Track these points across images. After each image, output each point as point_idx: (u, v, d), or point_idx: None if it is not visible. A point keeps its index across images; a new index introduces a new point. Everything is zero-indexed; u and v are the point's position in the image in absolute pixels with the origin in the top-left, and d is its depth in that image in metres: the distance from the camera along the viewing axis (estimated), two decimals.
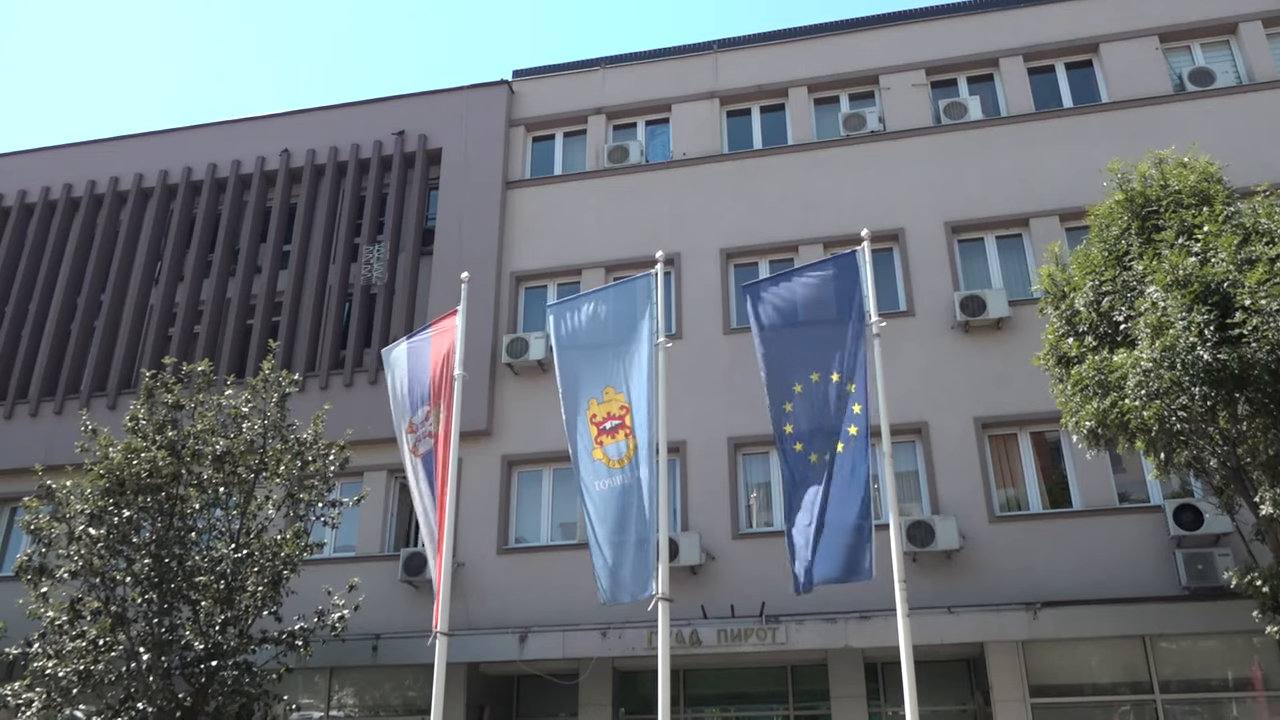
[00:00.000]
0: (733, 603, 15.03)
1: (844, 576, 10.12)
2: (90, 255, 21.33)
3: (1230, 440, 11.11)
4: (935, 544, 14.76)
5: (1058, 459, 16.02)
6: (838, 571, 10.11)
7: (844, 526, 10.13)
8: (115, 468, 13.79)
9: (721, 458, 16.61)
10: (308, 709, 16.45)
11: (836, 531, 10.14)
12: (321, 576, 15.11)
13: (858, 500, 10.21)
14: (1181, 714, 14.24)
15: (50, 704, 13.27)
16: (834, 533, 10.13)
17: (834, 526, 10.14)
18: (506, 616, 15.73)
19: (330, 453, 14.68)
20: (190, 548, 13.87)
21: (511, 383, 17.91)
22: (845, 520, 10.16)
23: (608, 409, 11.21)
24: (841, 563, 10.09)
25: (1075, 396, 11.67)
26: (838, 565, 10.10)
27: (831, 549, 10.11)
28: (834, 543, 10.14)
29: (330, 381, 18.72)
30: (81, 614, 13.45)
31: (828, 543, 10.17)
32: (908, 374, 15.48)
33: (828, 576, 10.17)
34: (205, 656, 13.15)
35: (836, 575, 10.14)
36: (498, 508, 17.15)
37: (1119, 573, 14.30)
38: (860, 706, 15.27)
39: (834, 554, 10.13)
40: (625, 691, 16.44)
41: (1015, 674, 14.38)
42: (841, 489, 10.27)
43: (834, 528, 10.14)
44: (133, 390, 18.99)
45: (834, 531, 10.13)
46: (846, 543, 10.11)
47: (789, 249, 17.94)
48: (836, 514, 10.18)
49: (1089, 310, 11.92)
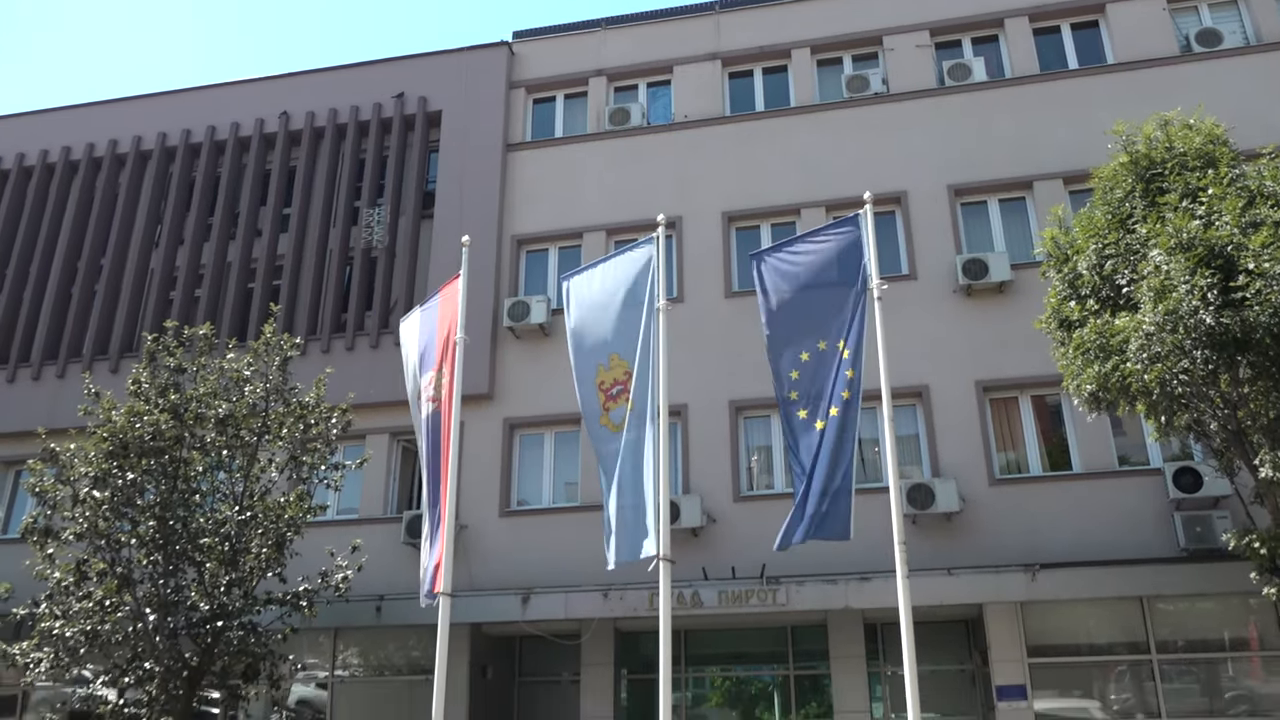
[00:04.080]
0: (734, 564, 15.14)
1: (825, 536, 10.23)
2: (90, 218, 21.25)
3: (1231, 403, 11.13)
4: (935, 506, 14.85)
5: (1058, 422, 16.06)
6: (820, 532, 10.20)
7: (831, 489, 10.22)
8: (118, 431, 13.85)
9: (723, 421, 16.65)
10: (313, 669, 16.64)
11: (823, 493, 10.23)
12: (325, 538, 15.22)
13: (845, 463, 10.29)
14: (1178, 674, 14.40)
15: (58, 663, 13.43)
16: (820, 494, 10.22)
17: (820, 488, 10.23)
18: (509, 578, 15.86)
19: (332, 416, 14.73)
20: (194, 510, 13.96)
21: (513, 346, 17.92)
22: (832, 483, 10.24)
23: (613, 375, 11.25)
24: (825, 523, 10.18)
25: (1076, 360, 11.68)
26: (821, 525, 10.19)
27: (816, 510, 10.20)
28: (819, 504, 10.24)
29: (332, 345, 18.73)
30: (87, 575, 13.56)
31: (813, 504, 10.26)
32: (909, 337, 15.47)
33: (809, 536, 10.27)
34: (211, 617, 13.27)
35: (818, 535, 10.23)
36: (499, 470, 17.22)
37: (1118, 535, 14.40)
38: (860, 666, 15.43)
39: (818, 514, 10.22)
40: (627, 651, 16.61)
41: (1013, 634, 14.52)
42: (832, 452, 10.34)
43: (820, 489, 10.22)
44: (134, 354, 19.00)
45: (820, 493, 10.22)
46: (832, 505, 10.20)
47: (790, 212, 17.87)
48: (825, 476, 10.27)
49: (1091, 273, 11.89)
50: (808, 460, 10.42)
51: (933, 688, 14.70)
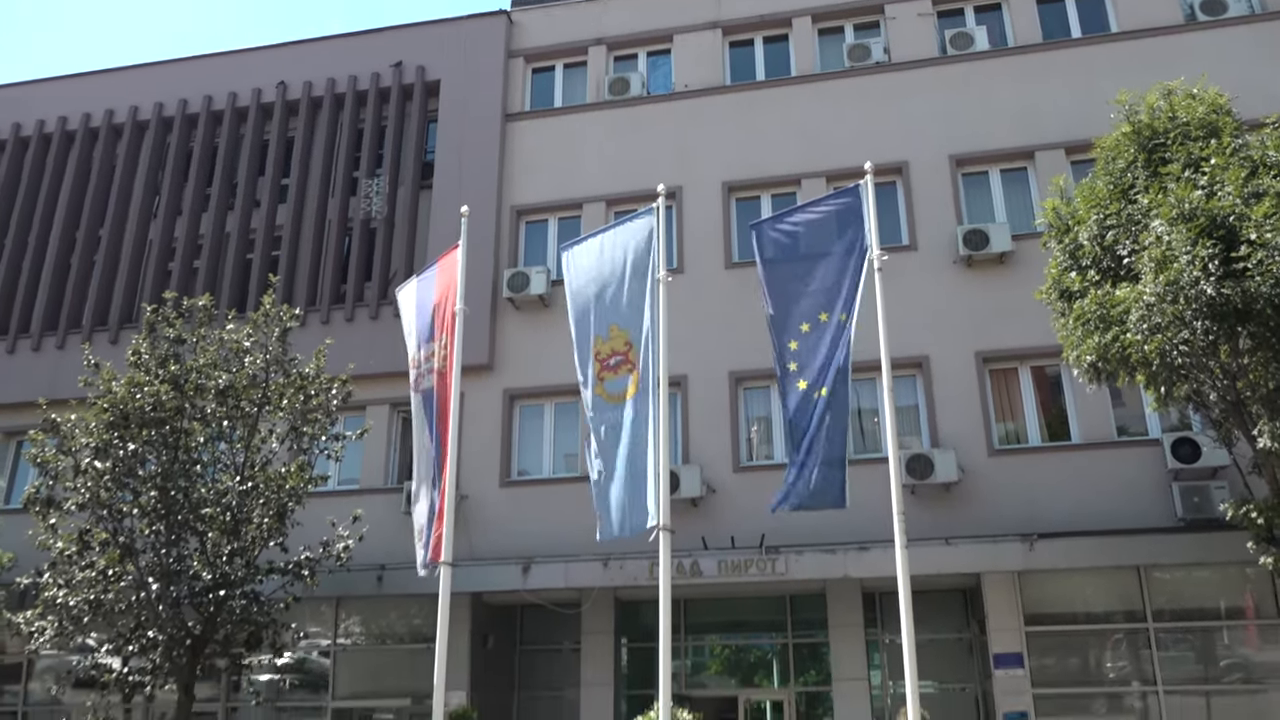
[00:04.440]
0: (733, 534, 15.22)
1: (820, 505, 10.29)
2: (87, 189, 21.15)
3: (1230, 374, 11.15)
4: (934, 477, 14.90)
5: (1058, 393, 16.08)
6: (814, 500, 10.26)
7: (827, 458, 10.26)
8: (119, 402, 13.88)
9: (722, 391, 16.67)
10: (315, 637, 16.76)
11: (820, 462, 10.27)
12: (326, 509, 15.28)
13: (840, 431, 10.33)
14: (1173, 642, 14.51)
15: (62, 632, 13.54)
16: (816, 463, 10.27)
17: (818, 457, 10.27)
18: (509, 547, 15.94)
19: (332, 387, 14.75)
20: (195, 480, 14.02)
21: (512, 317, 17.90)
22: (829, 451, 10.29)
23: (612, 345, 11.25)
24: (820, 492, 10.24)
25: (1077, 331, 11.68)
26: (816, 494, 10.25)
27: (811, 478, 10.26)
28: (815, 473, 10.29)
29: (331, 316, 18.71)
30: (90, 545, 13.63)
31: (809, 472, 10.32)
32: (909, 308, 15.44)
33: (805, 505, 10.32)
34: (213, 586, 13.36)
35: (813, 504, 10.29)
36: (500, 441, 17.26)
37: (1116, 505, 14.45)
38: (858, 635, 15.55)
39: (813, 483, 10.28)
40: (627, 620, 16.73)
41: (1011, 603, 14.62)
42: (829, 421, 10.37)
43: (817, 458, 10.27)
44: (134, 325, 18.98)
45: (817, 462, 10.27)
46: (827, 473, 10.25)
47: (791, 182, 17.80)
48: (822, 445, 10.31)
49: (1093, 244, 11.86)
50: (806, 429, 10.45)
51: (930, 656, 14.83)
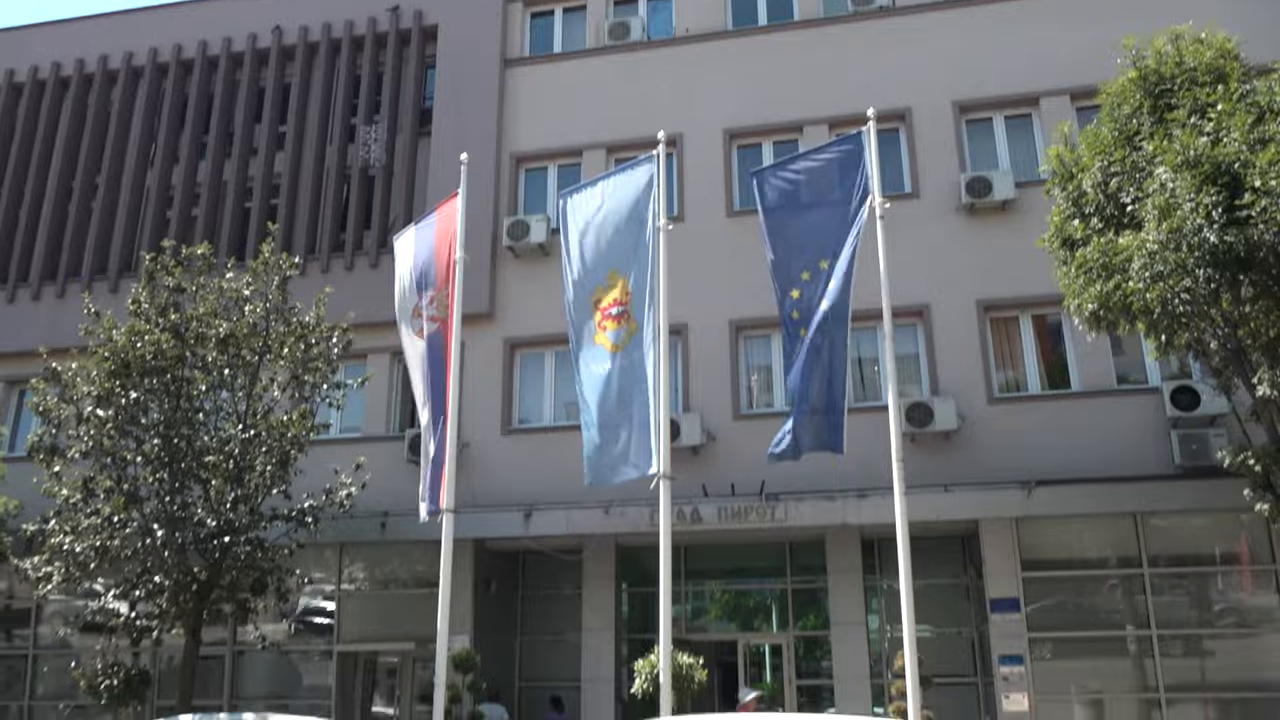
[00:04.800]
0: (733, 481, 15.32)
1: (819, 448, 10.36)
2: (83, 135, 20.96)
3: (1231, 322, 11.15)
4: (934, 425, 14.96)
5: (1058, 341, 16.09)
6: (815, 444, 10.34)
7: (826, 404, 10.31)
8: (120, 350, 13.90)
9: (723, 339, 16.68)
10: (320, 583, 16.96)
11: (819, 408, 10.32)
12: (328, 456, 15.37)
13: (839, 378, 10.37)
14: (1168, 587, 14.68)
15: (69, 577, 13.70)
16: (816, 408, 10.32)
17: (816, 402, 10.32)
18: (511, 495, 16.06)
19: (333, 335, 14.76)
20: (198, 429, 14.09)
21: (512, 265, 17.84)
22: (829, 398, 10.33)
23: (613, 294, 11.24)
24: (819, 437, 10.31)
25: (1078, 279, 11.65)
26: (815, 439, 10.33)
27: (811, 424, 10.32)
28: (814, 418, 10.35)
29: (331, 264, 18.65)
30: (95, 492, 13.74)
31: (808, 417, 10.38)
32: (911, 256, 15.37)
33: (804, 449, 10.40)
34: (218, 533, 13.49)
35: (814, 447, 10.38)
36: (500, 389, 17.31)
37: (1114, 453, 14.53)
38: (856, 580, 15.73)
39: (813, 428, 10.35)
40: (627, 566, 16.91)
41: (1008, 549, 14.76)
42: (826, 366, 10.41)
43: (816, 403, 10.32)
44: (133, 273, 18.92)
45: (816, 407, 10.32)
46: (827, 419, 10.31)
47: (793, 129, 17.62)
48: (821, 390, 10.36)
49: (1096, 191, 11.78)
50: (805, 375, 10.48)
51: (927, 601, 15.00)
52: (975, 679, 15.53)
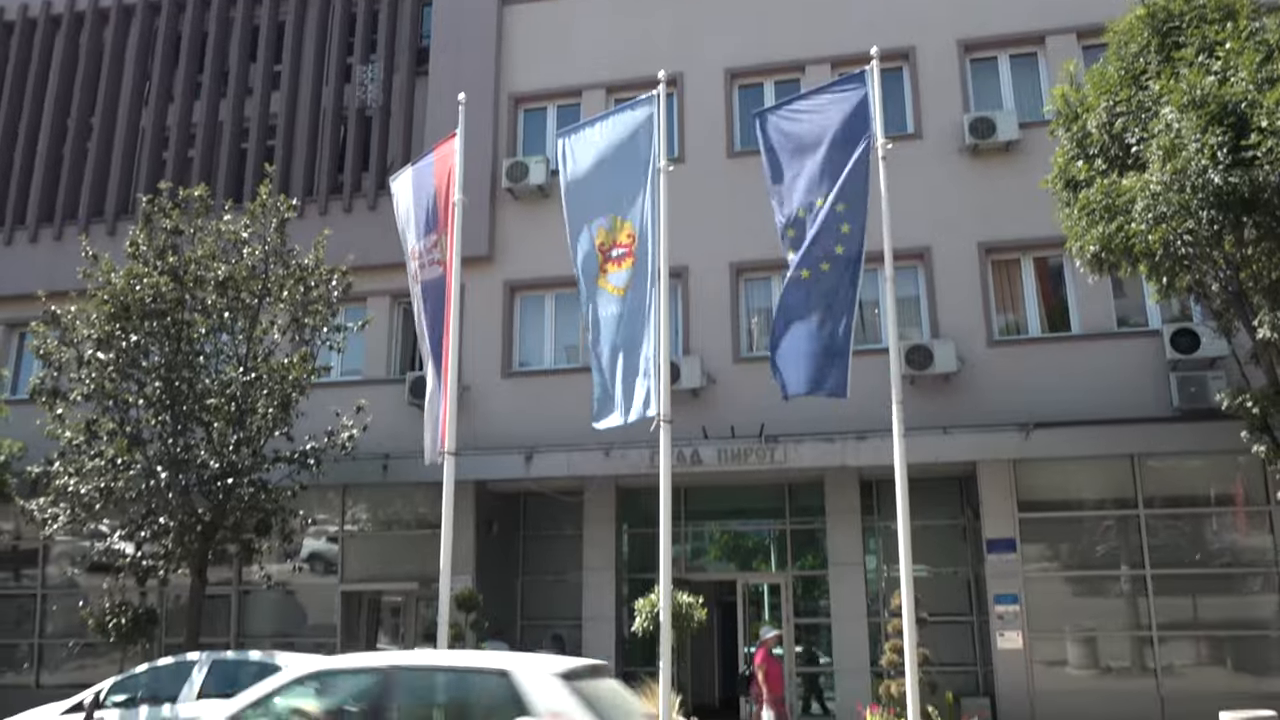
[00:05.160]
0: (733, 424, 15.39)
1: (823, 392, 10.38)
2: (76, 76, 20.67)
3: (1233, 264, 11.12)
4: (933, 367, 14.99)
5: (1059, 284, 16.05)
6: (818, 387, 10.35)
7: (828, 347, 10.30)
8: (119, 293, 13.87)
9: (723, 282, 16.64)
10: (323, 524, 17.14)
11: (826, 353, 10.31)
12: (330, 399, 15.42)
13: (844, 321, 10.35)
14: (1163, 528, 14.83)
15: (75, 518, 13.84)
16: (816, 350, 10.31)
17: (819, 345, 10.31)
18: (512, 437, 16.14)
19: (332, 278, 14.72)
20: (199, 372, 14.13)
21: (512, 207, 17.73)
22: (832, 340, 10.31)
23: (614, 236, 11.17)
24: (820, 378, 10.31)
25: (1081, 221, 11.58)
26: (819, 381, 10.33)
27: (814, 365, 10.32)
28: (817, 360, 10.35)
29: (329, 207, 18.54)
30: (98, 434, 13.82)
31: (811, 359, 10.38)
32: (912, 198, 15.21)
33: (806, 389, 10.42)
34: (221, 474, 13.59)
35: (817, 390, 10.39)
36: (501, 332, 17.32)
37: (1113, 395, 14.58)
38: (854, 521, 15.88)
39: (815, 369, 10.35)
40: (628, 508, 17.06)
41: (1005, 491, 14.89)
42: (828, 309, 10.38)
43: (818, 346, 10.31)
44: (131, 216, 18.79)
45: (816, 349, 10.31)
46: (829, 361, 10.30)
47: (795, 69, 17.38)
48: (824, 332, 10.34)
49: (1101, 132, 11.66)
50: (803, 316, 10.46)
51: (925, 541, 15.17)
52: (971, 617, 15.76)
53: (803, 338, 10.36)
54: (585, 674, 7.35)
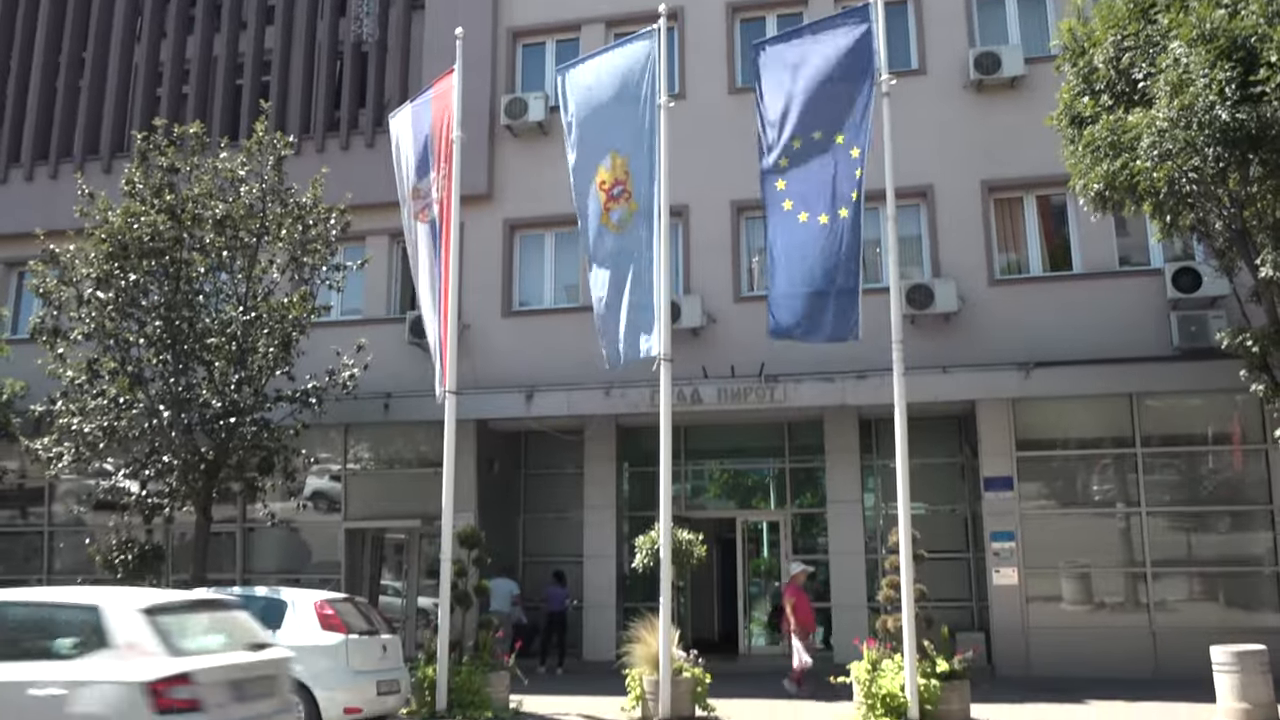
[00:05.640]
0: (733, 363, 15.42)
1: (832, 337, 10.36)
2: (67, 10, 20.32)
3: (1238, 202, 11.05)
4: (934, 306, 14.97)
5: (1061, 223, 15.96)
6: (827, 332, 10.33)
7: (837, 289, 10.26)
8: (116, 232, 13.80)
9: (724, 221, 16.55)
10: (326, 462, 17.26)
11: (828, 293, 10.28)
12: (330, 338, 15.43)
13: (852, 263, 10.31)
14: (1160, 467, 14.94)
15: (79, 457, 13.93)
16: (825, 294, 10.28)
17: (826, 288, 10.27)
18: (513, 376, 16.18)
19: (331, 217, 14.63)
20: (199, 311, 14.11)
21: (511, 145, 17.56)
22: (840, 282, 10.28)
23: (614, 174, 11.10)
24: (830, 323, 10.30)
25: (1085, 158, 11.47)
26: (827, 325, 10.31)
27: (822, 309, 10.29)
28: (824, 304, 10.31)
29: (326, 144, 18.36)
30: (99, 374, 13.85)
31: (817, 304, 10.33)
32: (915, 135, 15.07)
33: (816, 336, 10.40)
34: (223, 414, 13.64)
35: (826, 335, 10.37)
36: (500, 271, 17.26)
37: (1114, 334, 14.57)
38: (853, 460, 16.00)
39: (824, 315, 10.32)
40: (628, 446, 17.17)
41: (1004, 430, 14.95)
42: (836, 252, 10.32)
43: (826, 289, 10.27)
44: (126, 153, 18.61)
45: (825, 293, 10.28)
46: (836, 305, 10.28)
47: (798, 1, 17.08)
48: (830, 276, 10.29)
49: (1108, 67, 11.50)
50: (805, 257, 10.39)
51: (923, 479, 15.28)
52: (967, 554, 15.96)
53: (813, 283, 10.31)
54: (178, 608, 7.71)
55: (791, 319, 10.38)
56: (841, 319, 10.26)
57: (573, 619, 16.26)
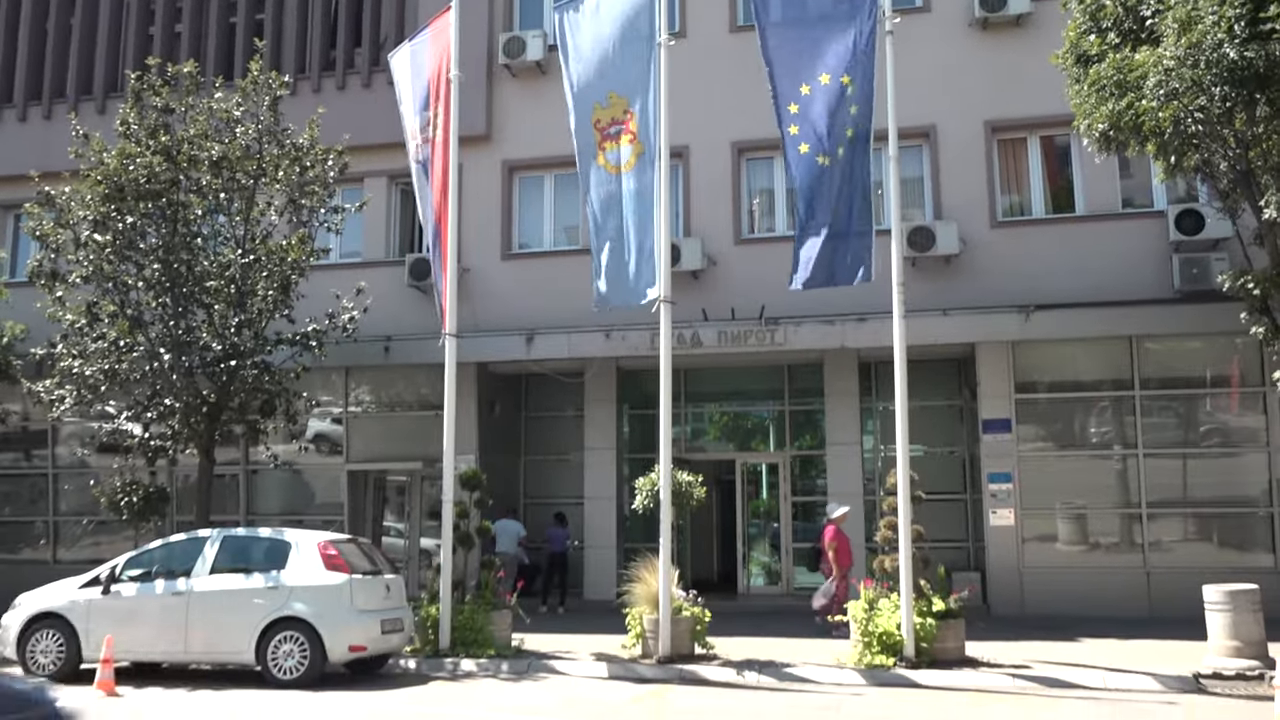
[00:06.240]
0: (733, 306, 15.40)
1: (846, 280, 10.34)
2: None
3: (1243, 143, 10.93)
4: (935, 249, 14.90)
5: (1065, 164, 15.82)
6: (841, 275, 10.31)
7: (848, 231, 10.23)
8: (112, 174, 13.69)
9: (725, 162, 16.40)
10: (327, 405, 17.32)
11: (840, 236, 10.25)
12: (329, 281, 15.38)
13: (861, 205, 10.25)
14: (1158, 409, 14.99)
15: (81, 400, 13.98)
16: (838, 237, 10.25)
17: (839, 230, 10.24)
18: (513, 319, 16.17)
19: (328, 158, 14.49)
20: (197, 253, 14.05)
21: (509, 84, 17.33)
22: (850, 225, 10.24)
23: (611, 113, 10.99)
24: (844, 267, 10.28)
25: (1091, 97, 11.33)
26: (840, 269, 10.29)
27: (835, 253, 10.26)
28: (838, 247, 10.29)
29: (322, 84, 18.12)
30: (99, 317, 13.83)
31: (832, 247, 10.31)
32: (919, 75, 14.85)
33: (830, 280, 10.38)
34: (224, 356, 13.66)
35: (839, 279, 10.35)
36: (500, 213, 17.16)
37: (1115, 277, 14.53)
38: (853, 402, 16.05)
39: (837, 258, 10.30)
40: (629, 389, 17.21)
41: (1003, 372, 14.99)
42: (844, 193, 10.27)
43: (839, 232, 10.24)
44: (120, 94, 18.35)
45: (838, 236, 10.25)
46: (850, 247, 10.26)
47: None
48: (841, 218, 10.26)
49: (1115, 4, 11.30)
50: (814, 198, 10.35)
51: (922, 422, 15.33)
52: (965, 496, 16.09)
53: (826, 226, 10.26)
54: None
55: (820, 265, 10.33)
56: (860, 260, 10.25)
57: (574, 559, 16.45)
